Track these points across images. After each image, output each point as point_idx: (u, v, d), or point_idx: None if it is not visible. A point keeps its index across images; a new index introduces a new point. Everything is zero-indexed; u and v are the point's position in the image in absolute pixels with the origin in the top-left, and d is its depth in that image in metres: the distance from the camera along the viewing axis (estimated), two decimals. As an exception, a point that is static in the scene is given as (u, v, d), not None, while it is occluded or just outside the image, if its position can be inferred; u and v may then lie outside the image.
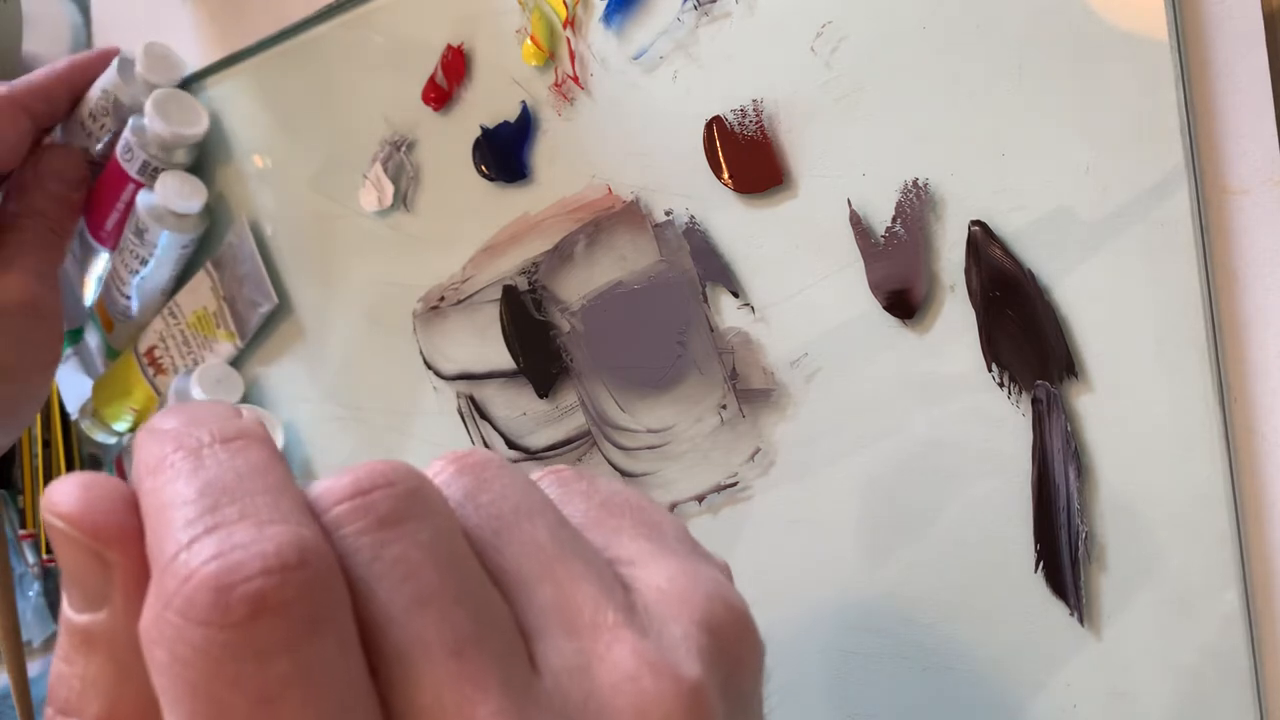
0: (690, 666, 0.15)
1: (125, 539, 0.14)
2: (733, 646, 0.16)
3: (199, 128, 0.49)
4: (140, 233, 0.50)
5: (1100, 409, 0.28)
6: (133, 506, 0.15)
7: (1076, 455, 0.29)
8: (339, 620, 0.13)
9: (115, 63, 0.51)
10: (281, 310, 0.49)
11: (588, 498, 0.18)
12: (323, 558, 0.13)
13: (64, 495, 0.14)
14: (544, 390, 0.40)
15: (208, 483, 0.14)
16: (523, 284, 0.39)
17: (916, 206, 0.30)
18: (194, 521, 0.13)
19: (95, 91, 0.48)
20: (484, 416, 0.42)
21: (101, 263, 0.55)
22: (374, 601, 0.14)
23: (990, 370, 0.30)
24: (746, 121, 0.33)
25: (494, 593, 0.15)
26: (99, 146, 0.50)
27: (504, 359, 0.41)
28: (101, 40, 0.57)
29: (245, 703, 0.12)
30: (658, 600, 0.16)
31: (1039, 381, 0.29)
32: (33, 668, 0.65)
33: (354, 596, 0.14)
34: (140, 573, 0.14)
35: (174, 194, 0.48)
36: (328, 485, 0.15)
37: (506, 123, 0.39)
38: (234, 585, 0.12)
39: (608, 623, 0.15)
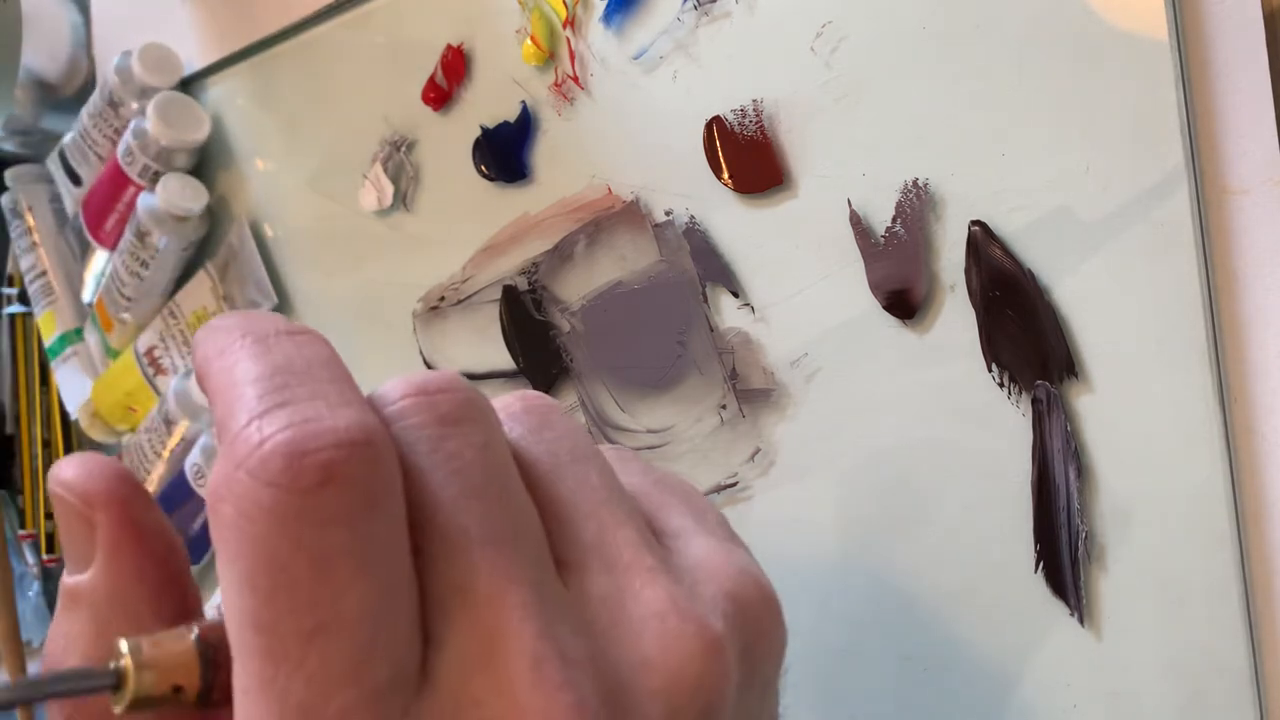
0: (717, 622, 0.15)
1: (111, 503, 0.16)
2: (756, 622, 0.16)
3: (200, 133, 0.49)
4: (141, 235, 0.50)
5: (1100, 409, 0.28)
6: (123, 479, 0.16)
7: (1076, 455, 0.29)
8: (394, 502, 0.14)
9: (115, 60, 0.51)
10: (281, 310, 0.49)
11: (644, 474, 0.19)
12: (385, 442, 0.14)
13: (65, 466, 0.16)
14: (544, 390, 0.40)
15: (278, 365, 0.14)
16: (523, 284, 0.39)
17: (916, 206, 0.30)
18: (267, 395, 0.14)
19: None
20: (484, 416, 0.42)
21: (101, 262, 0.55)
22: (426, 488, 0.14)
23: (990, 370, 0.30)
24: (746, 121, 0.33)
25: (533, 510, 0.16)
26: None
27: (504, 359, 0.41)
28: (101, 40, 0.57)
29: (303, 563, 0.13)
30: (693, 567, 0.16)
31: (1039, 381, 0.29)
32: (33, 668, 0.65)
33: (408, 482, 0.14)
34: (121, 536, 0.16)
35: (175, 197, 0.48)
36: (393, 383, 0.16)
37: (506, 123, 0.39)
38: (307, 453, 0.13)
39: (645, 565, 0.15)
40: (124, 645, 0.15)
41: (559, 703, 0.13)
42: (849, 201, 0.31)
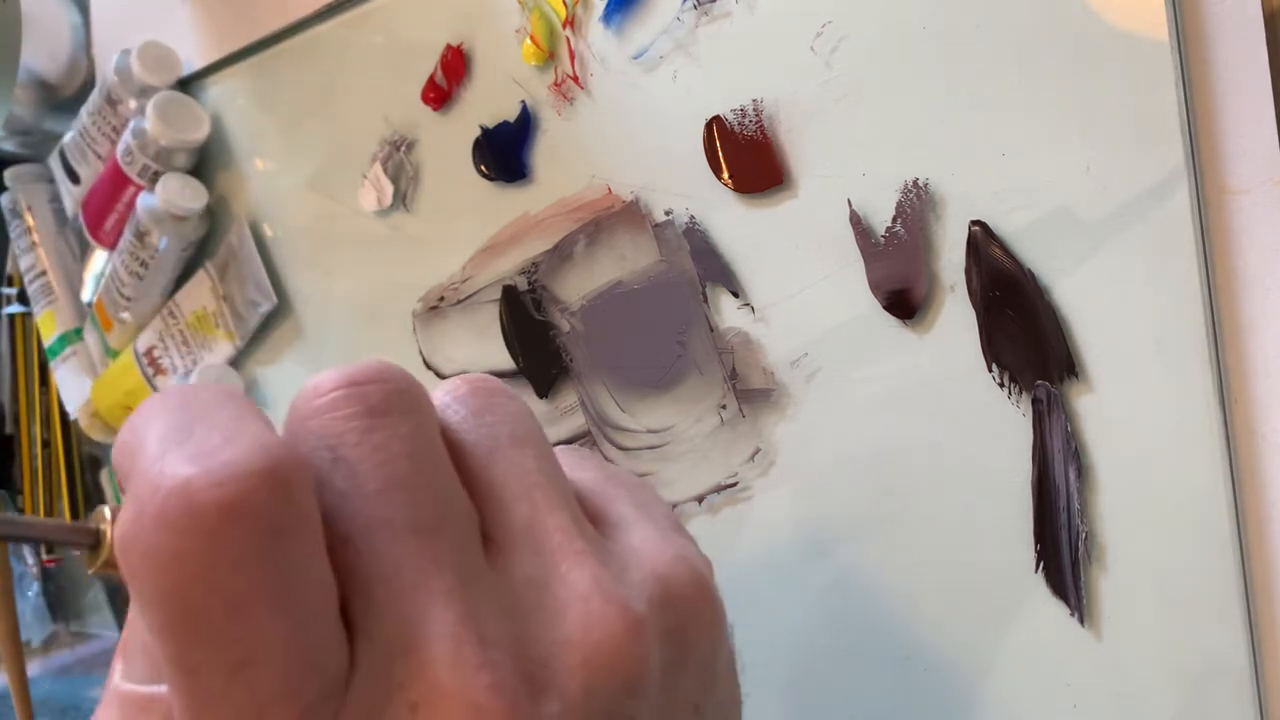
0: (640, 604, 0.16)
1: None
2: (687, 605, 0.17)
3: (200, 133, 0.49)
4: (141, 235, 0.50)
5: (1100, 409, 0.28)
6: None
7: (1077, 455, 0.29)
8: (304, 522, 0.14)
9: (114, 59, 0.51)
10: (281, 310, 0.49)
11: (597, 469, 0.20)
12: (289, 464, 0.14)
13: None
14: (544, 390, 0.40)
15: (180, 411, 0.15)
16: (523, 284, 0.39)
17: (916, 206, 0.30)
18: (165, 438, 0.14)
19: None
20: (484, 416, 0.42)
21: (100, 262, 0.55)
22: (353, 480, 0.15)
23: (990, 370, 0.30)
24: (746, 121, 0.33)
25: (463, 495, 0.16)
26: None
27: (504, 359, 0.41)
28: (101, 40, 0.57)
29: (218, 605, 0.13)
30: (628, 552, 0.17)
31: (1039, 381, 0.29)
32: (32, 668, 0.65)
33: (336, 474, 0.15)
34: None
35: (174, 196, 0.48)
36: (325, 375, 0.16)
37: (506, 122, 0.39)
38: (204, 492, 0.13)
39: (574, 548, 0.16)
40: (106, 512, 0.15)
41: (477, 683, 0.14)
42: (849, 201, 0.31)
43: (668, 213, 0.35)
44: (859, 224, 0.31)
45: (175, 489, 0.13)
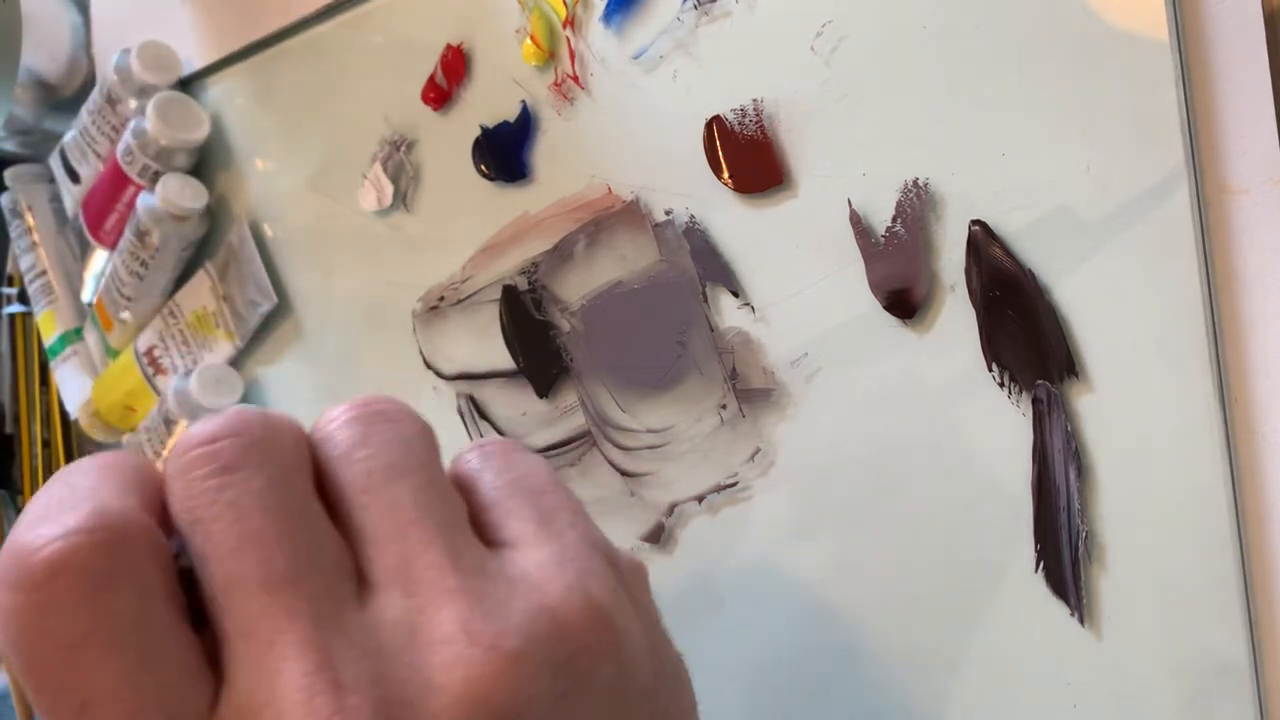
0: (513, 640, 0.16)
1: None
2: (577, 635, 0.16)
3: (200, 132, 0.49)
4: (141, 235, 0.50)
5: (1100, 409, 0.28)
6: None
7: (1077, 455, 0.29)
8: (139, 573, 0.15)
9: (114, 59, 0.51)
10: (281, 310, 0.49)
11: (500, 474, 0.19)
12: (120, 521, 0.15)
13: None
14: (544, 390, 0.40)
15: (49, 491, 0.16)
16: (523, 284, 0.39)
17: (916, 206, 0.30)
18: (27, 517, 0.15)
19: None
20: (484, 416, 0.42)
21: (100, 261, 0.55)
22: (209, 540, 0.15)
23: (990, 370, 0.30)
24: (746, 121, 0.33)
25: (329, 539, 0.16)
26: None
27: (504, 359, 0.41)
28: (101, 39, 0.57)
29: (53, 653, 0.14)
30: (520, 580, 0.17)
31: (1039, 381, 0.29)
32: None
33: (196, 535, 0.16)
34: None
35: (175, 196, 0.48)
36: (190, 431, 0.17)
37: (506, 122, 0.39)
38: (33, 552, 0.14)
39: (445, 587, 0.16)
40: None
41: None
42: (849, 201, 0.31)
43: (668, 213, 0.35)
44: (859, 224, 0.31)
45: (8, 554, 0.14)
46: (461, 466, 0.20)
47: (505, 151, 0.39)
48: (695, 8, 0.33)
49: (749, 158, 0.33)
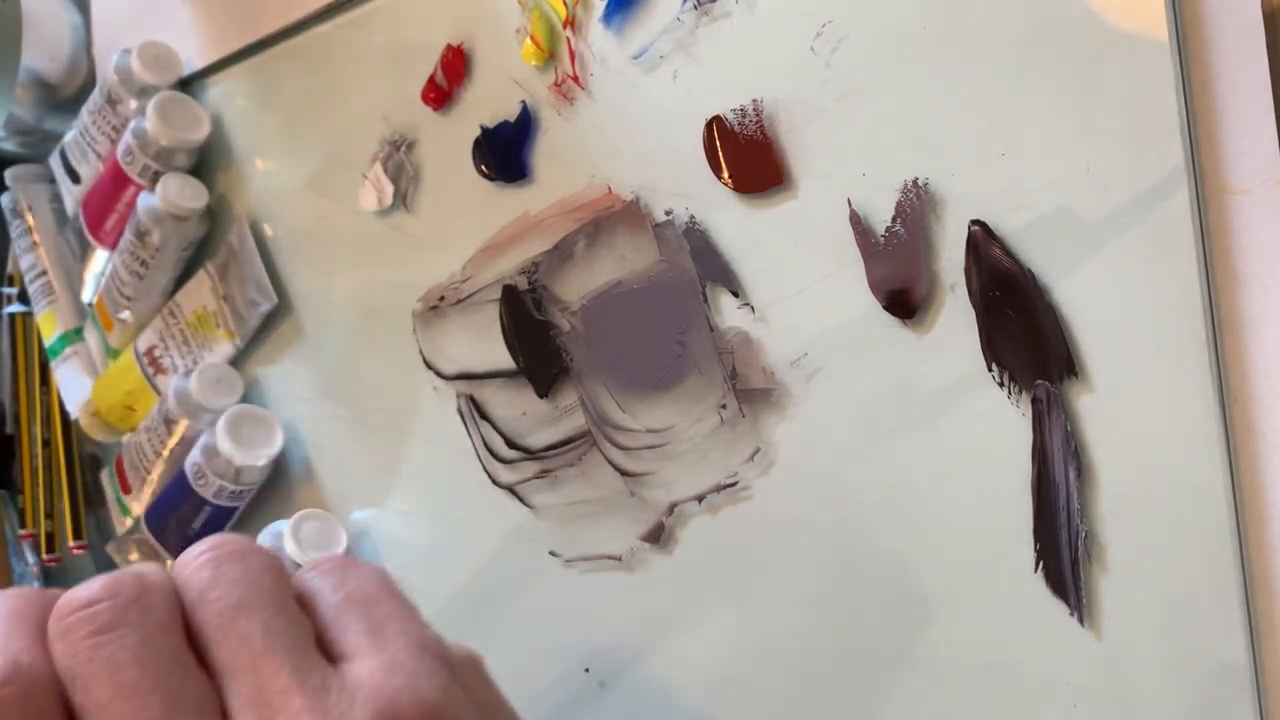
0: None
1: None
2: None
3: (200, 132, 0.49)
4: (141, 235, 0.50)
5: (1100, 409, 0.28)
6: None
7: (1076, 455, 0.29)
8: (43, 715, 0.17)
9: (115, 59, 0.51)
10: (281, 310, 0.49)
11: (335, 590, 0.21)
12: (29, 674, 0.18)
13: None
14: (544, 390, 0.40)
15: None
16: (523, 284, 0.39)
17: (916, 206, 0.30)
18: None
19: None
20: (484, 416, 0.42)
21: (101, 261, 0.55)
22: (89, 693, 0.18)
23: (990, 370, 0.30)
24: (746, 121, 0.33)
25: (198, 681, 0.18)
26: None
27: (504, 359, 0.41)
28: (101, 39, 0.57)
29: None
30: (354, 690, 0.19)
31: (1039, 381, 0.29)
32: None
33: (76, 691, 0.18)
34: None
35: (175, 196, 0.48)
36: (70, 595, 0.19)
37: (506, 122, 0.39)
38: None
39: (294, 708, 0.18)
40: None
41: None
42: (849, 201, 0.31)
43: (668, 213, 0.35)
44: (859, 224, 0.31)
45: None
46: (302, 587, 0.22)
47: (505, 151, 0.39)
48: (695, 8, 0.33)
49: (749, 158, 0.33)
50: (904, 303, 0.31)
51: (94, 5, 0.57)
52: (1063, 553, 0.29)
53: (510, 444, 0.41)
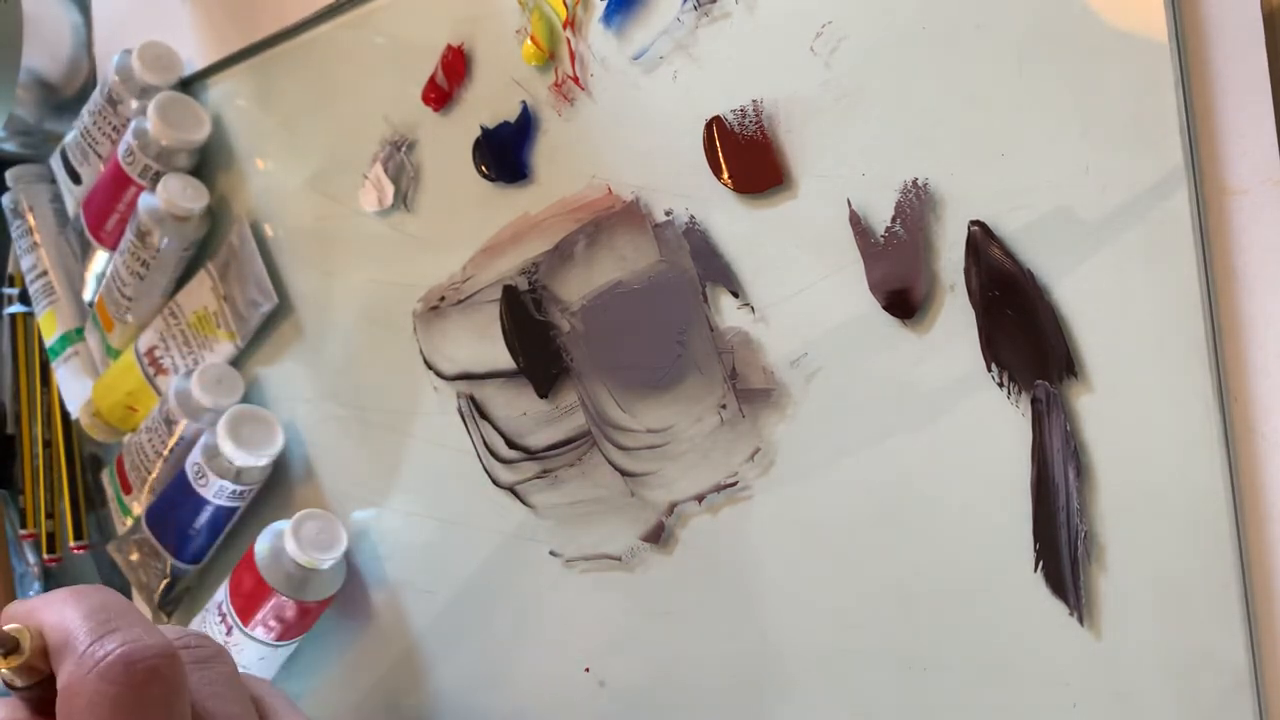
0: None
1: None
2: None
3: (201, 133, 0.50)
4: (142, 235, 0.50)
5: (1100, 409, 0.28)
6: None
7: (1076, 455, 0.29)
8: (187, 690, 0.22)
9: (115, 59, 0.51)
10: (282, 310, 0.49)
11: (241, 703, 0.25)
12: (181, 656, 0.22)
13: None
14: (544, 390, 0.40)
15: (94, 606, 0.22)
16: (523, 284, 0.39)
17: (916, 206, 0.30)
18: (98, 626, 0.21)
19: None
20: (484, 416, 0.42)
21: (101, 262, 0.55)
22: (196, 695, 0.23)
23: (990, 370, 0.30)
24: (746, 121, 0.33)
25: None
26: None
27: (504, 359, 0.41)
28: (102, 40, 0.58)
29: None
30: None
31: (1039, 381, 0.29)
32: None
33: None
34: None
35: (176, 196, 0.49)
36: (165, 631, 0.23)
37: (506, 123, 0.39)
38: (137, 662, 0.21)
39: None
40: (27, 633, 0.22)
41: None
42: (849, 201, 0.31)
43: (668, 213, 0.35)
44: (859, 224, 0.31)
45: (119, 659, 0.20)
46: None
47: (505, 152, 0.39)
48: (695, 8, 0.33)
49: (749, 158, 0.33)
50: (904, 303, 0.31)
51: (95, 5, 0.57)
52: (1062, 552, 0.29)
53: (510, 444, 0.41)
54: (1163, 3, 0.26)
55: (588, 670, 0.41)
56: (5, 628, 0.22)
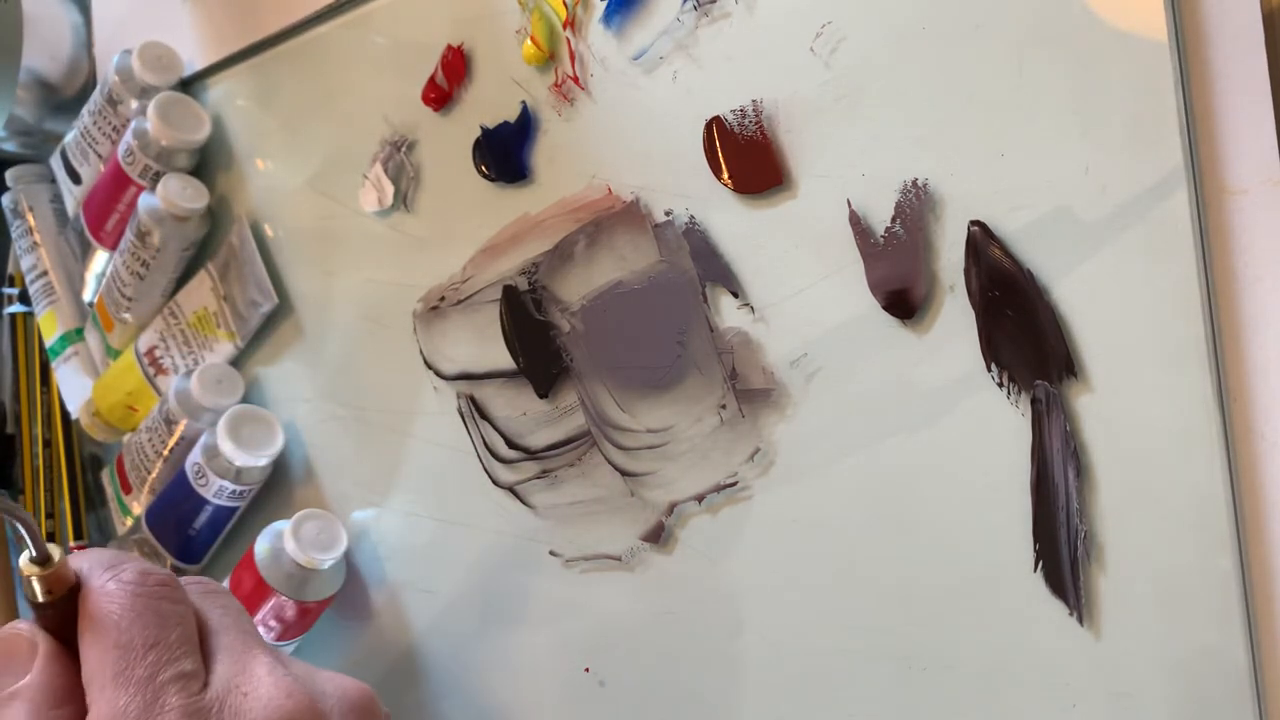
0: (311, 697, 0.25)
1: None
2: None
3: (201, 133, 0.50)
4: (142, 235, 0.50)
5: (1100, 409, 0.28)
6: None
7: (1076, 455, 0.29)
8: (189, 602, 0.26)
9: (115, 59, 0.51)
10: (282, 310, 0.49)
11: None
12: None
13: None
14: (544, 390, 0.40)
15: (105, 554, 0.26)
16: (523, 284, 0.39)
17: (916, 206, 0.30)
18: (115, 558, 0.25)
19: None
20: (484, 416, 0.42)
21: (101, 262, 0.55)
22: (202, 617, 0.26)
23: (990, 370, 0.30)
24: (746, 121, 0.33)
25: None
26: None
27: (504, 359, 0.41)
28: (102, 40, 0.58)
29: (153, 621, 0.24)
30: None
31: (1038, 381, 0.29)
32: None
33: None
34: None
35: (176, 197, 0.49)
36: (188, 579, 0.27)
37: (506, 123, 0.39)
38: (152, 575, 0.25)
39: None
40: (57, 549, 0.24)
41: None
42: (849, 201, 0.31)
43: (668, 213, 0.35)
44: (858, 224, 0.31)
45: (134, 572, 0.25)
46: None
47: (505, 152, 0.39)
48: (695, 8, 0.33)
49: (749, 158, 0.33)
50: (903, 303, 0.31)
51: (95, 6, 0.58)
52: (1062, 552, 0.29)
53: (510, 444, 0.41)
54: (1163, 3, 0.26)
55: (588, 670, 0.41)
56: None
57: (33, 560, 0.24)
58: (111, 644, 0.23)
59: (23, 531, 0.23)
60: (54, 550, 0.24)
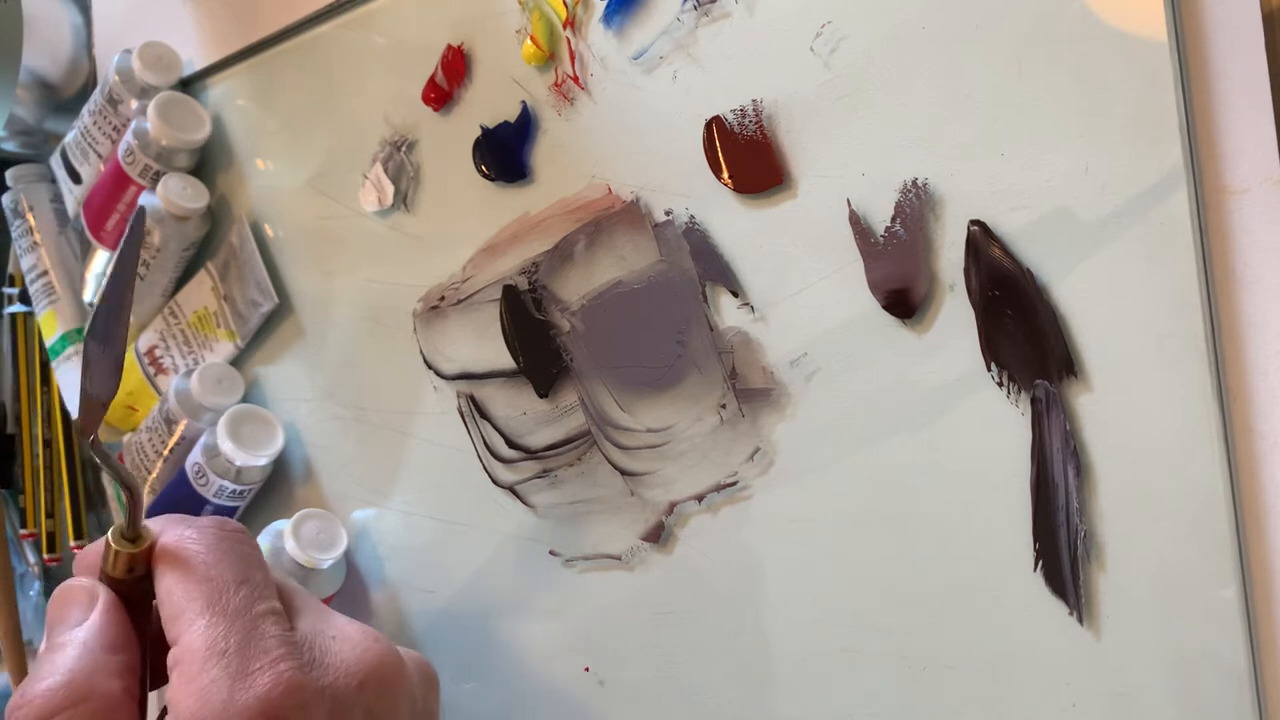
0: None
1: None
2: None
3: (201, 133, 0.49)
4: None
5: (1100, 408, 0.28)
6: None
7: (1076, 454, 0.29)
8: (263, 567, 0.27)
9: (116, 59, 0.51)
10: (282, 310, 0.49)
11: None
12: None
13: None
14: (544, 390, 0.40)
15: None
16: (523, 284, 0.39)
17: (916, 206, 0.30)
18: (183, 519, 0.26)
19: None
20: (484, 416, 0.42)
21: (102, 261, 0.55)
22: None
23: (989, 370, 0.30)
24: (746, 121, 0.33)
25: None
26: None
27: (504, 359, 0.41)
28: (102, 40, 0.58)
29: (234, 562, 0.25)
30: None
31: (1038, 381, 0.29)
32: (33, 667, 0.65)
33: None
34: None
35: (176, 196, 0.49)
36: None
37: (506, 123, 0.39)
38: (228, 523, 0.26)
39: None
40: (149, 531, 0.24)
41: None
42: (849, 201, 0.32)
43: (668, 213, 0.35)
44: (858, 224, 0.31)
45: (214, 519, 0.26)
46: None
47: (505, 152, 0.39)
48: (695, 8, 0.33)
49: (749, 158, 0.33)
50: (903, 302, 0.31)
51: (95, 5, 0.57)
52: (1062, 552, 0.29)
53: (510, 443, 0.41)
54: (1163, 3, 0.26)
55: (588, 670, 0.41)
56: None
57: (124, 536, 0.24)
58: (199, 579, 0.23)
59: (127, 504, 0.24)
60: (147, 533, 0.24)
